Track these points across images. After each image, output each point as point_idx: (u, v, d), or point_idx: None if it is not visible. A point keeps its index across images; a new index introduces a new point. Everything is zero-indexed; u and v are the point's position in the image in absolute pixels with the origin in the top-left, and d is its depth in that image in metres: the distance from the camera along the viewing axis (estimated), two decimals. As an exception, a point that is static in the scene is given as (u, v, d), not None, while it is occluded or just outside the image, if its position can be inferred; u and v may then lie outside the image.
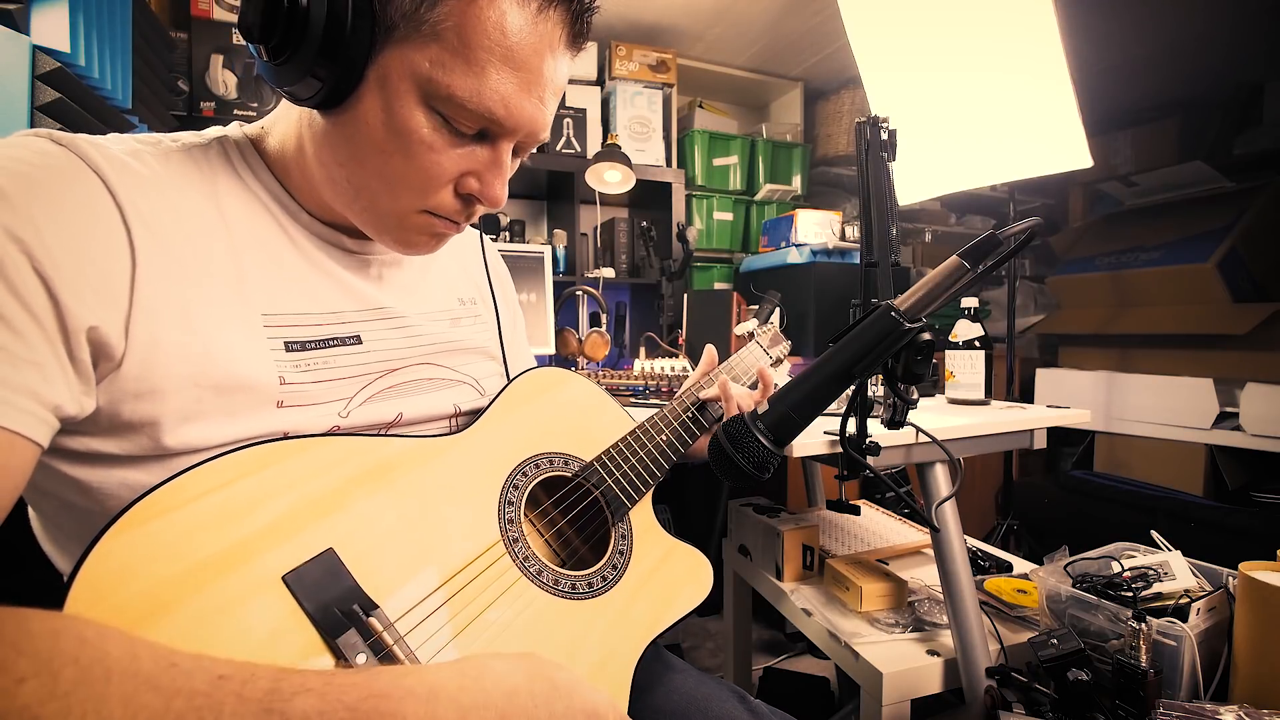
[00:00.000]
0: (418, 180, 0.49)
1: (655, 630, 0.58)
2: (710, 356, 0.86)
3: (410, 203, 0.50)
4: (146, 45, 1.23)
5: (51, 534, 0.49)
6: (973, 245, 0.54)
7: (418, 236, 0.53)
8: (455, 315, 0.66)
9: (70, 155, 0.42)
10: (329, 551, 0.42)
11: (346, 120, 0.47)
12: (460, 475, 0.54)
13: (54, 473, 0.44)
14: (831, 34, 2.30)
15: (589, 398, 0.70)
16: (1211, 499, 1.92)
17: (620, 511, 0.63)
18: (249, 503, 0.41)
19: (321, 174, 0.51)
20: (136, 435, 0.43)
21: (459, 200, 0.52)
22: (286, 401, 0.48)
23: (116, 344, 0.41)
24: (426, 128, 0.46)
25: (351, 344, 0.54)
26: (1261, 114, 2.24)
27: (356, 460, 0.48)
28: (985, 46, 1.59)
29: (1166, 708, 0.77)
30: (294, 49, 0.44)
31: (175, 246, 0.45)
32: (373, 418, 0.54)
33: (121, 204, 0.42)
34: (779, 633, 1.93)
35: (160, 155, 0.48)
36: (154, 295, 0.43)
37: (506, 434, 0.60)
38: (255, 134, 0.55)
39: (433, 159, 0.48)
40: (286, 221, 0.53)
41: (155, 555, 0.37)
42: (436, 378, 0.60)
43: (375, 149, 0.47)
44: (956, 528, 0.91)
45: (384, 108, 0.46)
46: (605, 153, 1.95)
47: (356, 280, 0.57)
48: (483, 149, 0.50)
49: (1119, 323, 2.26)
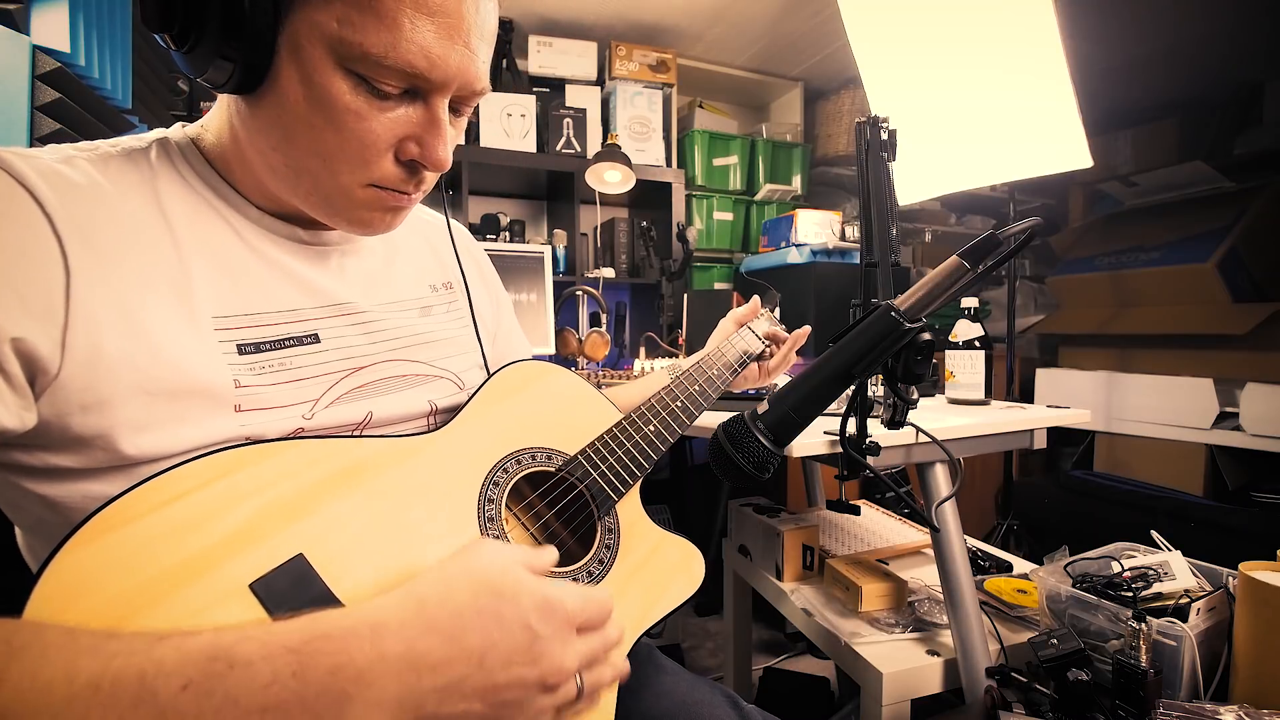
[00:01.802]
0: (353, 151, 0.46)
1: (644, 624, 0.57)
2: (755, 303, 0.92)
3: (351, 177, 0.47)
4: (146, 45, 1.24)
5: (31, 546, 0.49)
6: (973, 245, 0.54)
7: (369, 214, 0.51)
8: (427, 303, 0.64)
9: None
10: (299, 557, 0.41)
11: (269, 100, 0.45)
12: (437, 474, 0.52)
13: (20, 489, 0.43)
14: (831, 34, 2.30)
15: (572, 390, 0.68)
16: (1211, 499, 1.91)
17: (606, 505, 0.62)
18: (212, 510, 0.40)
19: (260, 162, 0.49)
20: (90, 448, 0.42)
21: (402, 169, 0.49)
22: (244, 405, 0.47)
23: (50, 356, 0.40)
24: (348, 93, 0.44)
25: (309, 343, 0.52)
26: (1261, 114, 2.24)
27: (326, 463, 0.46)
28: (985, 46, 1.59)
29: (1166, 708, 0.77)
30: (198, 32, 0.42)
31: (115, 253, 0.44)
32: (340, 419, 0.52)
33: (51, 214, 0.41)
34: (779, 633, 1.93)
35: (97, 160, 0.47)
36: (93, 304, 0.41)
37: (486, 430, 0.58)
38: (195, 133, 0.53)
39: (363, 126, 0.45)
40: (234, 218, 0.51)
41: (114, 567, 0.35)
42: (409, 374, 0.58)
43: (303, 125, 0.45)
44: (956, 528, 0.91)
45: (302, 79, 0.43)
46: (605, 153, 1.95)
47: (314, 274, 0.55)
48: (415, 109, 0.47)
49: (1119, 323, 2.26)
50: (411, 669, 0.35)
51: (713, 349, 0.85)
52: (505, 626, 0.38)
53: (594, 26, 2.33)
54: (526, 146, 2.17)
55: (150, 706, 0.29)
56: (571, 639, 0.40)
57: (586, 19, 2.29)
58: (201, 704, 0.30)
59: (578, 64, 2.31)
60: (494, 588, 0.39)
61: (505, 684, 0.37)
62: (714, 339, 0.91)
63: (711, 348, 0.86)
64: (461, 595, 0.38)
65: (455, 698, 0.36)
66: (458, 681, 0.36)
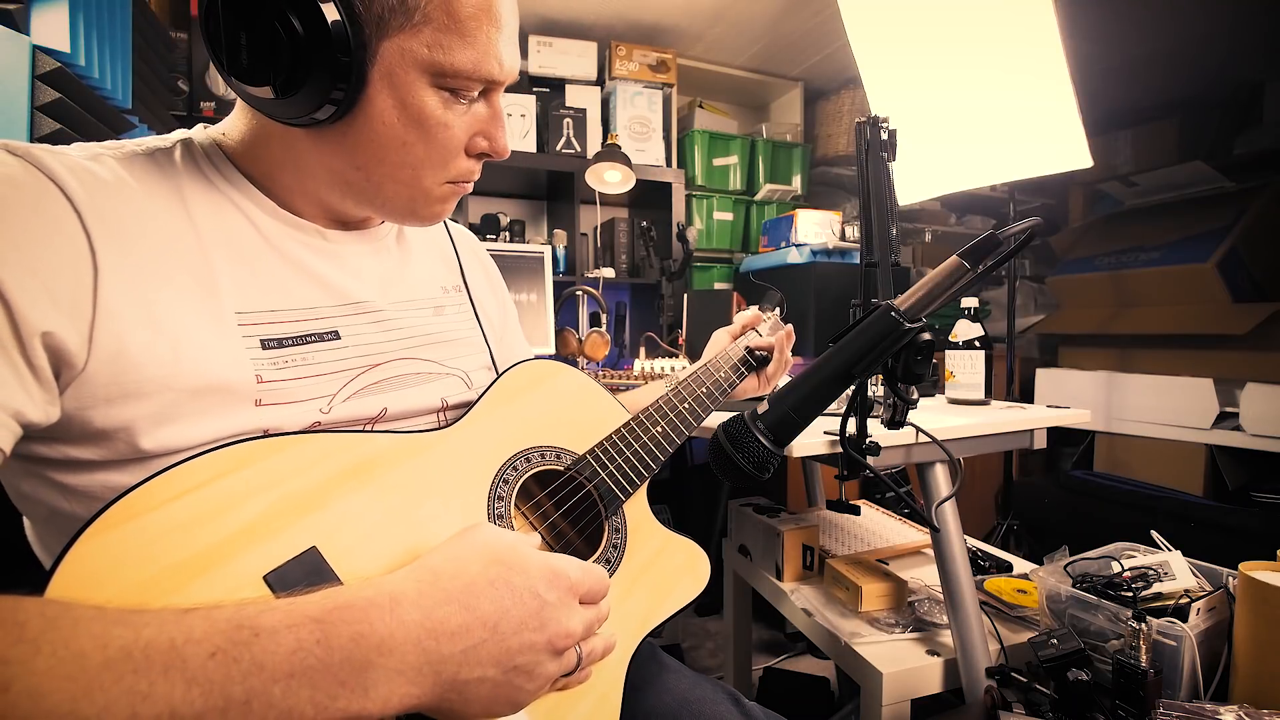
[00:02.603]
0: (438, 157, 0.51)
1: (650, 624, 0.57)
2: (754, 313, 0.92)
3: (434, 179, 0.52)
4: (146, 45, 1.24)
5: (44, 539, 0.49)
6: (973, 245, 0.54)
7: (443, 206, 0.56)
8: (439, 304, 0.65)
9: (25, 164, 0.42)
10: (312, 550, 0.42)
11: (359, 125, 0.48)
12: (448, 470, 0.53)
13: (37, 479, 0.44)
14: (831, 34, 2.30)
15: (581, 389, 0.69)
16: (1211, 499, 1.92)
17: (614, 505, 0.62)
18: (227, 502, 0.40)
19: (331, 179, 0.52)
20: (111, 441, 0.42)
21: (472, 160, 0.54)
22: (265, 399, 0.48)
23: (77, 350, 0.40)
24: (440, 107, 0.49)
25: (329, 339, 0.53)
26: (1261, 114, 2.24)
27: (339, 457, 0.47)
28: (985, 46, 1.59)
29: (1166, 708, 0.77)
30: (300, 80, 0.44)
31: (141, 249, 0.44)
32: (356, 413, 0.53)
33: (81, 210, 0.42)
34: (779, 633, 1.93)
35: (124, 159, 0.48)
36: (120, 300, 0.42)
37: (496, 428, 0.59)
38: (218, 135, 0.54)
39: (449, 134, 0.50)
40: (257, 216, 0.52)
41: (131, 557, 0.36)
42: (421, 372, 0.60)
43: (396, 143, 0.49)
44: (956, 528, 0.91)
45: (397, 103, 0.47)
46: (605, 153, 1.95)
47: (333, 273, 0.56)
48: (481, 105, 0.52)
49: (1119, 323, 2.26)
50: (430, 636, 0.37)
51: (711, 357, 0.86)
52: (516, 594, 0.40)
53: (594, 26, 2.33)
54: (527, 146, 2.17)
55: (180, 672, 0.30)
56: (575, 606, 0.44)
57: (586, 19, 2.29)
58: (229, 670, 0.31)
59: (578, 64, 2.31)
60: (502, 559, 0.42)
61: (518, 648, 0.39)
62: (709, 350, 0.91)
63: (709, 358, 0.86)
64: (473, 567, 0.41)
65: (472, 663, 0.38)
66: (474, 647, 0.38)
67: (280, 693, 0.32)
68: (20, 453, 0.42)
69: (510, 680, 0.39)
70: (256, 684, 0.31)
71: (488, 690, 0.39)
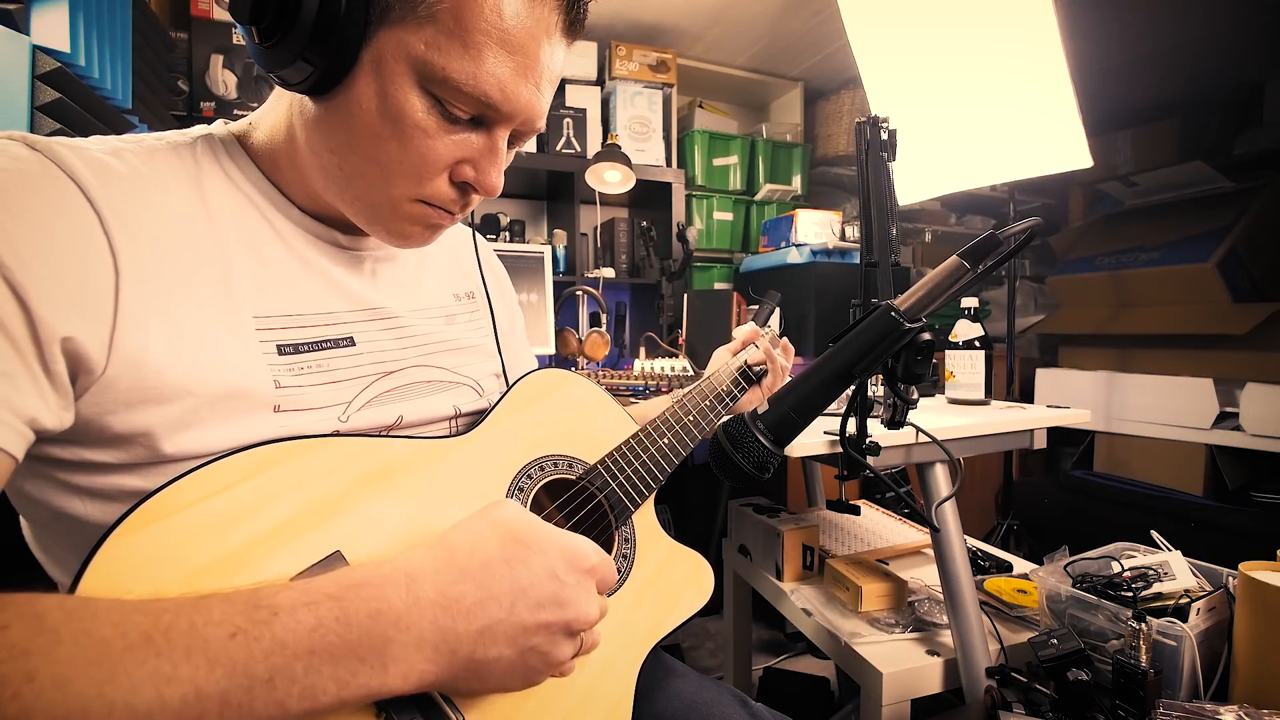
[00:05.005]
0: (412, 166, 0.47)
1: (657, 636, 0.58)
2: (752, 329, 0.90)
3: (404, 190, 0.49)
4: (146, 45, 1.24)
5: (44, 542, 0.48)
6: (973, 245, 0.54)
7: (411, 227, 0.51)
8: (451, 312, 0.65)
9: (45, 161, 0.41)
10: (336, 554, 0.42)
11: (339, 105, 0.46)
12: (466, 477, 0.53)
13: (45, 481, 0.43)
14: (831, 34, 2.30)
15: (592, 399, 0.70)
16: (1211, 499, 1.92)
17: (624, 515, 0.63)
18: (253, 505, 0.40)
19: (313, 162, 0.50)
20: (130, 445, 0.42)
21: (454, 189, 0.50)
22: (283, 406, 0.47)
23: (97, 356, 0.39)
24: (421, 111, 0.45)
25: (345, 345, 0.53)
26: (1261, 114, 2.24)
27: (360, 462, 0.47)
28: (985, 46, 1.59)
29: (1166, 708, 0.77)
30: (286, 31, 0.43)
31: (160, 248, 0.44)
32: (373, 421, 0.53)
33: (100, 210, 0.41)
34: (779, 633, 1.93)
35: (143, 153, 0.47)
36: (140, 303, 0.42)
37: (511, 436, 0.59)
38: (241, 130, 0.54)
39: (427, 144, 0.47)
40: (275, 218, 0.52)
41: (159, 560, 0.36)
42: (435, 380, 0.60)
43: (369, 134, 0.46)
44: (956, 528, 0.91)
45: (378, 91, 0.45)
46: (605, 153, 1.95)
47: (349, 278, 0.55)
48: (478, 136, 0.49)
49: (1119, 323, 2.26)
50: (446, 613, 0.37)
51: (713, 371, 0.86)
52: (533, 574, 0.40)
53: (594, 26, 2.33)
54: (527, 147, 2.17)
55: (202, 654, 0.30)
56: (593, 590, 0.43)
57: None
58: (251, 648, 0.31)
59: (577, 64, 2.31)
60: (520, 538, 0.42)
61: (534, 628, 0.39)
62: (711, 367, 0.91)
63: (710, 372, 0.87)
64: (490, 546, 0.41)
65: (488, 642, 0.38)
66: (490, 626, 0.38)
67: (303, 669, 0.32)
68: (30, 454, 0.42)
69: (525, 660, 0.39)
70: (279, 661, 0.32)
71: (503, 669, 0.39)
